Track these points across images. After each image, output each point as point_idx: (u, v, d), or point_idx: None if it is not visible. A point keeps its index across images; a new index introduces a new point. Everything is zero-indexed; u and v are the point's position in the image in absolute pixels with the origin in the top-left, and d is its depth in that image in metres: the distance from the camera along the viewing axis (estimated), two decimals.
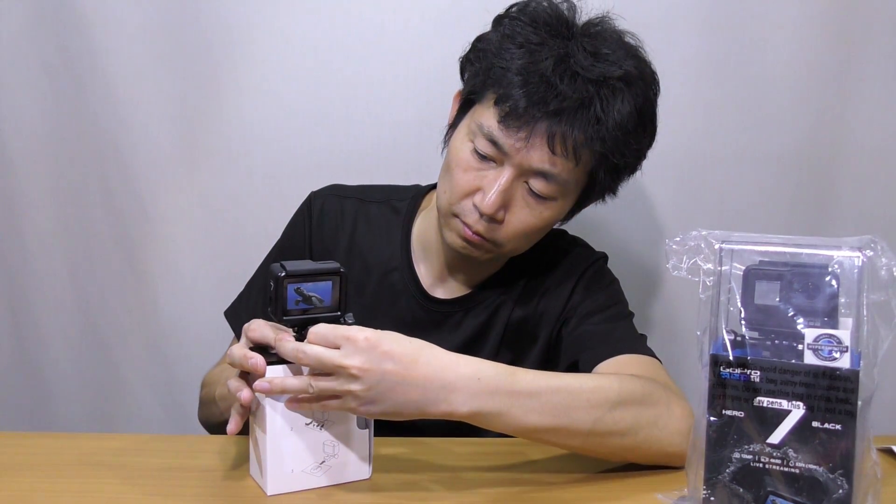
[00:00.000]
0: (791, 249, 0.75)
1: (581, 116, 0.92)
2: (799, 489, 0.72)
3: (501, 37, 0.97)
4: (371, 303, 1.11)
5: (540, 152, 0.94)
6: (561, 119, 0.92)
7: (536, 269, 1.12)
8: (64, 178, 1.45)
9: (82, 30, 1.38)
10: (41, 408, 1.54)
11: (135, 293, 1.48)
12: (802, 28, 1.36)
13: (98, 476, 0.89)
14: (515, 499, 0.85)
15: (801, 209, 1.43)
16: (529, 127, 0.93)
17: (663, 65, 1.39)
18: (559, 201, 0.99)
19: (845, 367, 0.70)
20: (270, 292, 0.81)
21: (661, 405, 0.88)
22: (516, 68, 0.93)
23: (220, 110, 1.41)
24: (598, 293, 1.10)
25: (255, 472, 0.86)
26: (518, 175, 0.96)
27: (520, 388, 0.82)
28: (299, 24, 1.39)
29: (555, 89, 0.91)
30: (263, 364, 0.80)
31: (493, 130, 0.95)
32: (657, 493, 0.82)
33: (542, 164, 0.95)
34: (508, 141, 0.94)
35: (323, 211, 1.15)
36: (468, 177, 0.98)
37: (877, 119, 1.40)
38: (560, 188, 0.97)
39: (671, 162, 1.42)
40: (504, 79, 0.94)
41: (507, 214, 0.98)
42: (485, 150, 0.96)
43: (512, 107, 0.93)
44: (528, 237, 1.02)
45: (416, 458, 0.95)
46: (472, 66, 1.01)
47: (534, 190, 0.97)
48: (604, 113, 0.93)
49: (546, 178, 0.96)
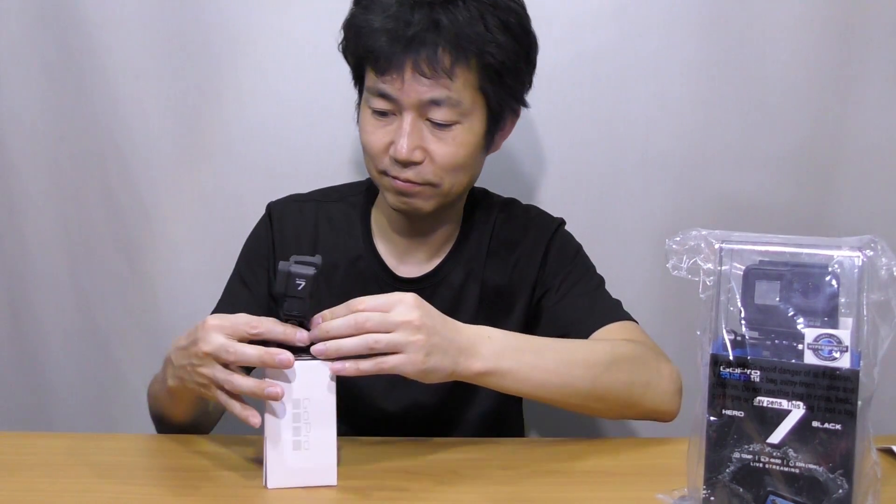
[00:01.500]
0: (791, 249, 0.75)
1: (432, 33, 0.98)
2: (799, 489, 0.72)
3: (362, 9, 1.03)
4: (341, 292, 1.12)
5: (418, 83, 0.99)
6: (418, 44, 0.98)
7: (497, 238, 1.17)
8: (64, 178, 1.45)
9: (82, 30, 1.38)
10: (41, 408, 1.54)
11: (135, 293, 1.48)
12: (802, 28, 1.36)
13: (98, 476, 0.89)
14: (515, 499, 0.85)
15: (801, 209, 1.43)
16: (400, 65, 0.99)
17: (663, 65, 1.41)
18: (464, 124, 1.03)
19: (845, 367, 0.70)
20: (299, 290, 0.82)
21: (652, 366, 0.99)
22: (377, 24, 1.00)
23: (221, 110, 1.41)
24: (569, 264, 1.16)
25: (264, 465, 0.87)
26: (417, 115, 1.01)
27: (525, 347, 0.93)
28: (299, 24, 1.39)
29: (406, 22, 0.98)
30: (292, 358, 0.83)
31: (377, 85, 1.02)
32: (657, 493, 0.82)
33: (427, 93, 1.00)
34: (391, 87, 1.00)
35: (283, 217, 1.18)
36: (377, 136, 1.04)
37: (877, 119, 1.40)
38: (456, 110, 1.01)
39: (671, 162, 1.42)
40: (370, 38, 1.01)
41: (426, 155, 1.03)
42: (380, 106, 1.03)
43: (378, 54, 1.00)
44: (455, 168, 1.05)
45: (416, 458, 0.95)
46: (347, 46, 1.07)
47: (435, 121, 1.02)
48: (449, 21, 0.98)
49: (438, 104, 1.01)
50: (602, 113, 1.42)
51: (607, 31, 1.38)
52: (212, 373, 0.85)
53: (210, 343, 0.84)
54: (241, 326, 0.84)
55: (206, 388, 0.87)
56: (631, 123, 1.41)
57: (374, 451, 0.96)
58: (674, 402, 1.01)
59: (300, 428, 0.85)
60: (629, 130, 1.42)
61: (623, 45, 1.38)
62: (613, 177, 1.44)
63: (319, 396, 0.85)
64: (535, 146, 1.44)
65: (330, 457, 0.86)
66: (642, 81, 1.40)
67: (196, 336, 0.85)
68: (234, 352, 0.83)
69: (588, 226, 1.44)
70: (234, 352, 0.83)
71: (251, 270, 1.17)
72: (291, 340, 0.84)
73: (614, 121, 1.41)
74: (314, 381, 0.84)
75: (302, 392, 0.84)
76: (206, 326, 0.85)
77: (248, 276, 1.17)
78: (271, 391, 0.82)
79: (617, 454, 0.98)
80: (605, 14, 1.38)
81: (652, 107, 1.40)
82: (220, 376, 0.84)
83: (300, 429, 0.85)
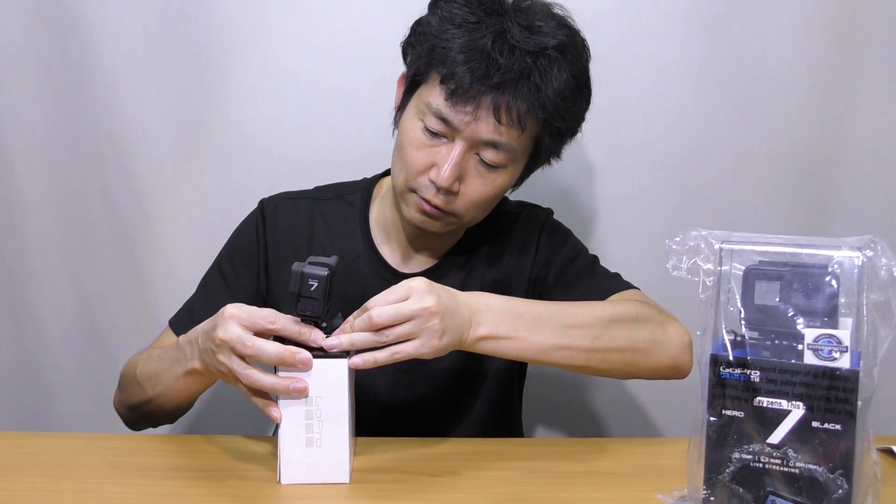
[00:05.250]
0: (791, 249, 0.75)
1: (522, 87, 0.98)
2: (799, 489, 0.72)
3: (440, 19, 1.01)
4: (341, 290, 1.13)
5: (487, 124, 0.99)
6: (504, 91, 0.97)
7: (494, 234, 1.18)
8: (64, 178, 1.45)
9: (83, 30, 1.38)
10: (41, 408, 1.54)
11: (135, 293, 1.48)
12: (802, 28, 1.36)
13: (98, 476, 0.89)
14: (515, 499, 0.85)
15: (801, 209, 1.43)
16: (475, 101, 0.98)
17: (663, 65, 1.41)
18: (509, 168, 1.04)
19: (845, 367, 0.70)
20: (312, 291, 0.83)
21: (656, 323, 1.00)
22: (458, 47, 0.98)
23: (221, 110, 1.41)
24: (561, 246, 1.18)
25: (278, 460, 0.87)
26: (469, 148, 1.01)
27: (522, 311, 0.94)
28: (299, 25, 1.39)
29: (496, 63, 0.97)
30: (311, 358, 0.84)
31: (442, 108, 1.00)
32: (657, 493, 0.82)
33: (491, 134, 0.99)
34: (457, 116, 0.99)
35: (277, 214, 1.18)
36: (422, 154, 1.02)
37: (877, 119, 1.40)
38: (509, 155, 1.02)
39: (671, 162, 1.42)
40: (447, 58, 0.98)
41: (461, 186, 1.03)
42: (435, 127, 1.01)
43: (457, 84, 0.97)
44: (483, 206, 1.07)
45: (416, 457, 0.95)
46: (414, 49, 1.05)
47: (485, 160, 1.02)
48: (542, 81, 0.98)
49: (495, 147, 1.01)
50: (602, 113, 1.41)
51: (607, 31, 1.38)
52: (229, 363, 0.86)
53: (227, 332, 0.85)
54: (259, 321, 0.85)
55: (225, 376, 0.88)
56: (631, 123, 1.41)
57: (374, 449, 0.96)
58: (683, 356, 1.00)
59: (313, 425, 0.85)
60: (629, 130, 1.42)
61: (623, 45, 1.38)
62: (613, 177, 1.44)
63: (333, 395, 0.85)
64: None
65: (342, 455, 0.86)
66: (642, 81, 1.40)
67: (216, 322, 0.87)
68: (253, 346, 0.84)
69: (588, 226, 1.44)
70: (251, 346, 0.84)
71: (232, 265, 1.17)
72: (307, 340, 0.85)
73: (614, 121, 1.41)
74: (328, 380, 0.85)
75: (315, 390, 0.85)
76: (224, 314, 0.86)
77: (227, 271, 1.17)
78: (297, 386, 0.84)
79: (617, 454, 0.98)
80: (605, 14, 1.38)
81: (652, 107, 1.40)
82: (238, 370, 0.85)
83: (313, 426, 0.85)
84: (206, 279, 1.19)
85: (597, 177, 1.44)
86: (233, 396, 1.04)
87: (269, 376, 0.85)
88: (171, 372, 0.97)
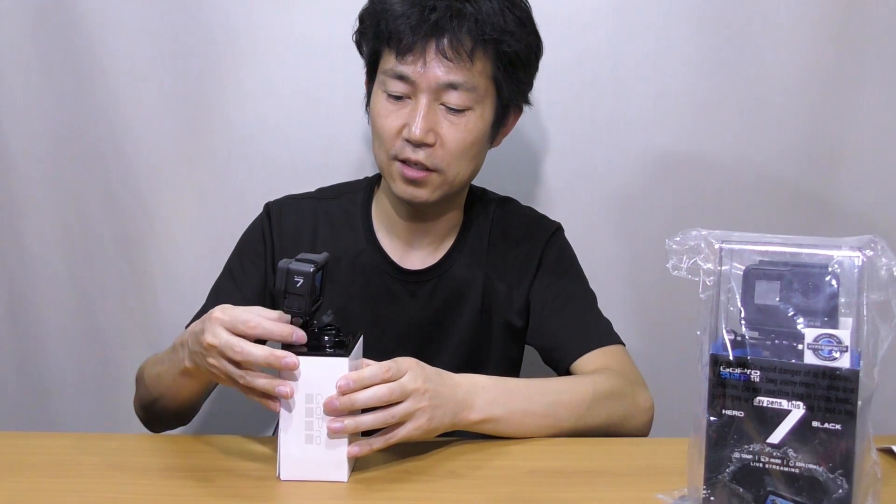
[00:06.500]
0: (791, 249, 0.75)
1: (458, 20, 1.03)
2: (799, 489, 0.72)
3: None
4: (344, 286, 1.17)
5: (439, 66, 1.04)
6: (443, 29, 1.02)
7: (495, 231, 1.20)
8: (64, 178, 1.45)
9: (83, 30, 1.38)
10: (41, 408, 1.54)
11: (135, 293, 1.48)
12: (802, 28, 1.36)
13: (98, 476, 0.89)
14: (515, 499, 0.85)
15: (801, 209, 1.43)
16: (421, 48, 1.03)
17: (663, 65, 1.41)
18: (476, 110, 1.07)
19: (845, 367, 0.70)
20: (298, 288, 0.83)
21: (629, 398, 1.05)
22: (396, 5, 1.04)
23: (221, 110, 1.41)
24: (564, 274, 1.20)
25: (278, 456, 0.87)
26: (433, 98, 1.05)
27: (516, 392, 0.98)
28: (299, 25, 1.39)
29: (430, 8, 1.02)
30: (297, 361, 0.84)
31: (396, 67, 1.05)
32: (657, 493, 0.82)
33: (446, 76, 1.04)
34: (409, 69, 1.04)
35: (283, 215, 1.20)
36: (391, 119, 1.07)
37: (877, 119, 1.40)
38: (471, 95, 1.06)
39: (671, 162, 1.42)
40: (388, 21, 1.04)
41: (437, 138, 1.06)
42: (396, 89, 1.06)
43: (401, 37, 1.03)
44: (463, 154, 1.08)
45: (416, 457, 0.95)
46: (364, 35, 1.11)
47: (450, 105, 1.06)
48: (475, 9, 1.03)
49: (455, 88, 1.05)
50: (602, 113, 1.42)
51: (607, 31, 1.39)
52: (221, 366, 0.86)
53: (215, 336, 0.85)
54: (240, 325, 0.85)
55: (217, 376, 0.89)
56: (631, 123, 1.41)
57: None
58: (646, 428, 1.08)
59: (312, 422, 0.86)
60: (629, 130, 1.42)
61: (623, 45, 1.38)
62: (613, 177, 1.44)
63: (331, 393, 0.85)
64: (535, 146, 1.44)
65: (340, 453, 0.86)
66: (642, 81, 1.40)
67: (204, 325, 0.87)
68: (241, 351, 0.84)
69: (588, 226, 1.44)
70: (240, 351, 0.84)
71: (241, 266, 1.18)
72: (288, 341, 0.85)
73: (614, 121, 1.41)
74: (326, 378, 0.85)
75: (314, 388, 0.85)
76: (212, 318, 0.87)
77: (237, 272, 1.18)
78: (282, 390, 0.84)
79: (617, 454, 0.98)
80: (605, 14, 1.38)
81: (652, 107, 1.41)
82: (233, 372, 0.86)
83: (312, 423, 0.86)
84: (216, 284, 1.20)
85: (597, 177, 1.44)
86: (233, 396, 1.04)
87: (262, 378, 0.85)
88: (170, 372, 1.00)
